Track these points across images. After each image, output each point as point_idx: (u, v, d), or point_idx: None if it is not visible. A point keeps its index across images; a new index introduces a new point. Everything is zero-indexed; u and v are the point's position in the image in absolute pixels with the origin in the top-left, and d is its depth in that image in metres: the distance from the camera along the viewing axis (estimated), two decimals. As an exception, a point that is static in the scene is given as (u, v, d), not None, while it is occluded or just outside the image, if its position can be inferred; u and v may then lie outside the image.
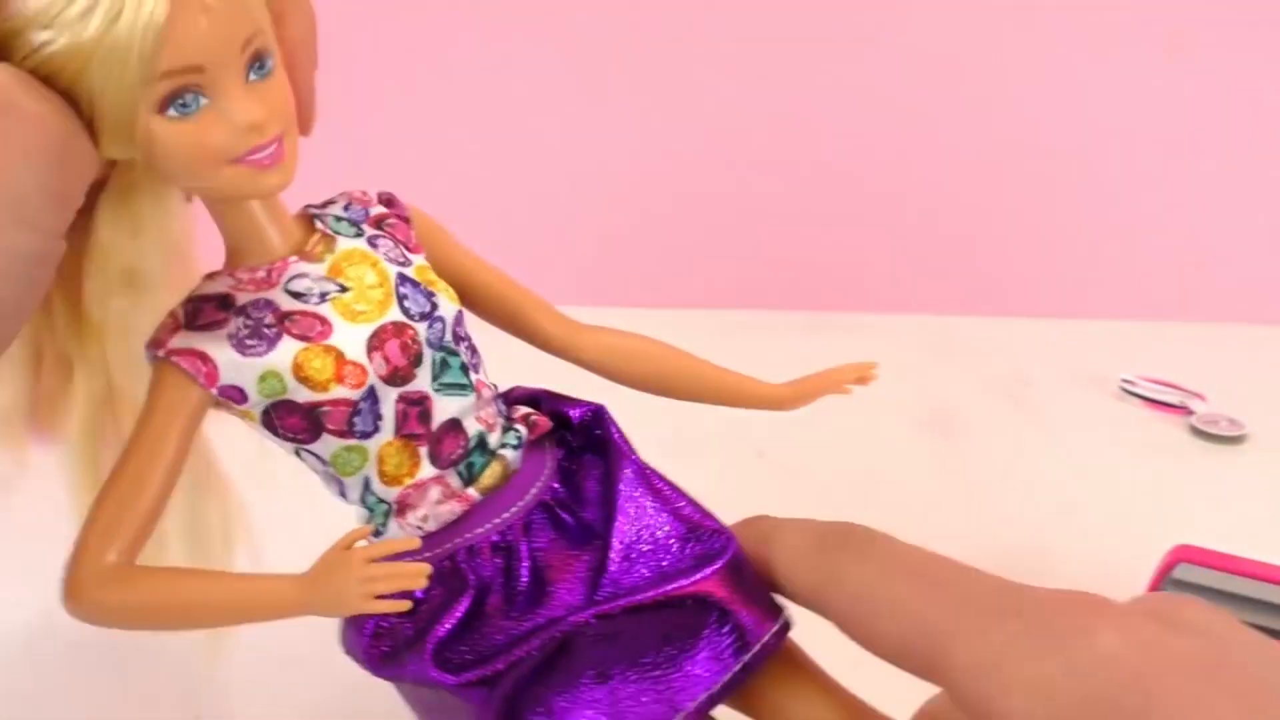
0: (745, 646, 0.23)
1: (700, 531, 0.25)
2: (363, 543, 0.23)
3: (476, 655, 0.23)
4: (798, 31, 0.77)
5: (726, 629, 0.23)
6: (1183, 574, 0.38)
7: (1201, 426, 0.62)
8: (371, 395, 0.23)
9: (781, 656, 0.24)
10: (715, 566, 0.24)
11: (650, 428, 0.33)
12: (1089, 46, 0.76)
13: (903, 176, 0.81)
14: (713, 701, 0.22)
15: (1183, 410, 0.65)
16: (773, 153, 0.81)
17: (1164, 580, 0.39)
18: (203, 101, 0.20)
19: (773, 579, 0.24)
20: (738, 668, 0.23)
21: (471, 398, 0.24)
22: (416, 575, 0.22)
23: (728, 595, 0.23)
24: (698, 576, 0.23)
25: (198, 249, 0.26)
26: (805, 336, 0.80)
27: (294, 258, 0.23)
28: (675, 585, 0.23)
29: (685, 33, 0.78)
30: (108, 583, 0.21)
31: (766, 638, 0.23)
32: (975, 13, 0.75)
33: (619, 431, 0.26)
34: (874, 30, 0.77)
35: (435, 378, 0.24)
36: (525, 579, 0.24)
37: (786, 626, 0.24)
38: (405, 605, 0.22)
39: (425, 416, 0.23)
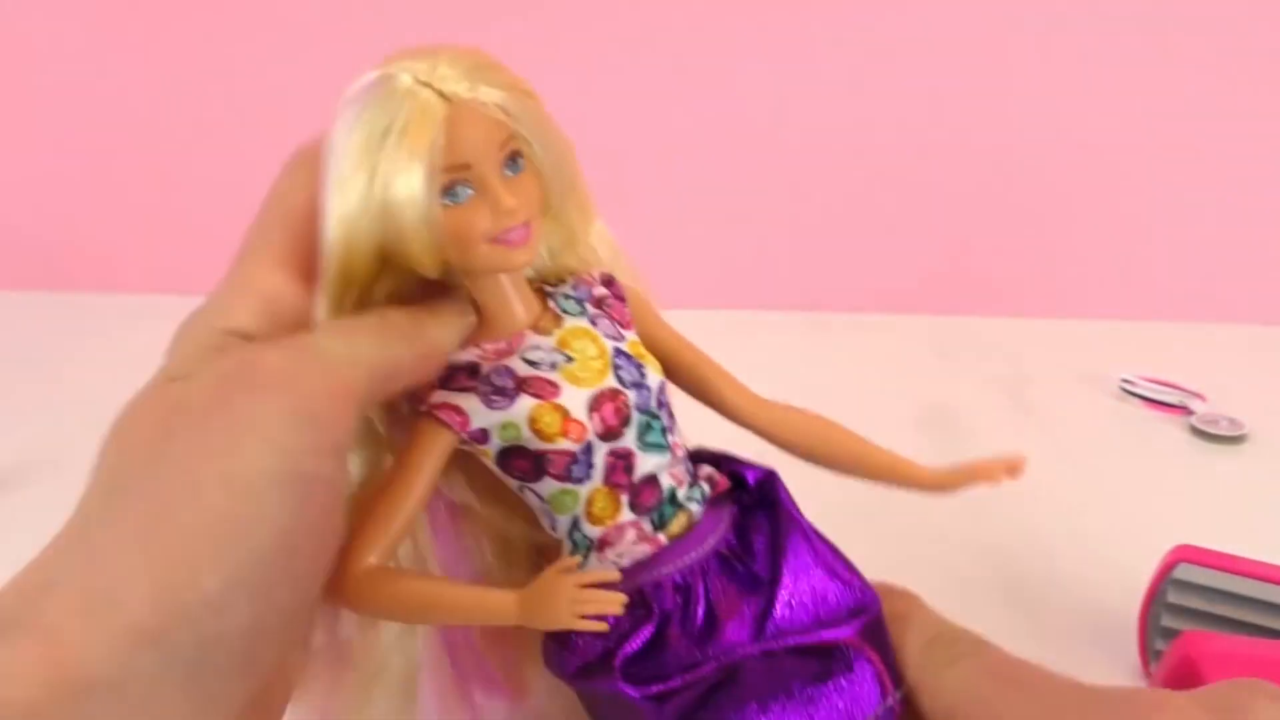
0: (884, 692, 0.26)
1: (853, 588, 0.28)
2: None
3: (656, 673, 0.27)
4: (798, 32, 0.77)
5: (869, 674, 0.26)
6: (1183, 574, 0.38)
7: (1201, 426, 0.62)
8: (588, 448, 0.27)
9: None
10: (864, 620, 0.27)
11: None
12: (1089, 47, 0.76)
13: (904, 177, 0.81)
14: None
15: (1182, 410, 0.65)
16: (773, 153, 0.81)
17: (1164, 580, 0.39)
18: (469, 192, 0.25)
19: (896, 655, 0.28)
20: (881, 708, 0.26)
21: (668, 456, 0.28)
22: (615, 602, 0.26)
23: (870, 647, 0.27)
24: (848, 628, 0.27)
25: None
26: (805, 336, 0.80)
27: (529, 332, 0.28)
28: (830, 632, 0.27)
29: (685, 32, 0.78)
30: (367, 578, 0.26)
31: (898, 694, 0.26)
32: (976, 14, 0.75)
33: (787, 495, 0.30)
34: (874, 31, 0.77)
35: (640, 437, 0.28)
36: (700, 615, 0.27)
37: (905, 698, 0.27)
38: (604, 626, 0.26)
39: (629, 469, 0.27)
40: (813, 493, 0.37)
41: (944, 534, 0.51)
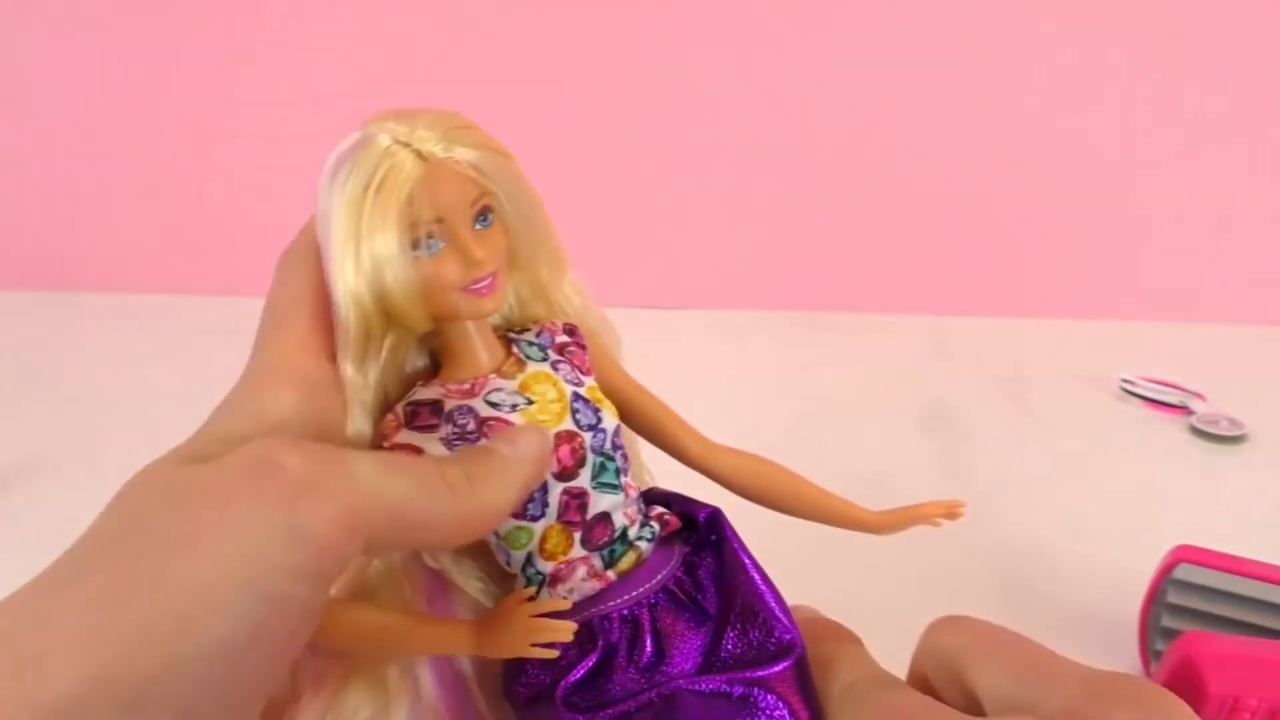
0: None
1: (784, 627, 0.29)
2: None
3: (597, 701, 0.28)
4: (799, 32, 0.77)
5: (785, 714, 0.27)
6: (1183, 574, 0.38)
7: (1201, 426, 0.62)
8: (544, 487, 0.28)
9: None
10: (791, 659, 0.28)
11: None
12: (1089, 47, 0.76)
13: (903, 177, 0.81)
14: None
15: (1183, 410, 0.65)
16: (773, 153, 0.81)
17: (1164, 580, 0.39)
18: (440, 245, 0.27)
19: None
20: None
21: (620, 496, 0.30)
22: (566, 630, 0.27)
23: (792, 686, 0.28)
24: (777, 666, 0.28)
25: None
26: (805, 336, 0.80)
27: (493, 375, 0.29)
28: (758, 671, 0.28)
29: (685, 32, 0.78)
30: (327, 614, 0.26)
31: None
32: (976, 14, 0.75)
33: (733, 532, 0.31)
34: (875, 31, 0.77)
35: (594, 477, 0.29)
36: (649, 647, 0.29)
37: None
38: (554, 654, 0.27)
39: (583, 508, 0.29)
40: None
41: (944, 534, 0.51)
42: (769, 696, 0.27)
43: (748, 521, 0.33)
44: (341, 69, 0.77)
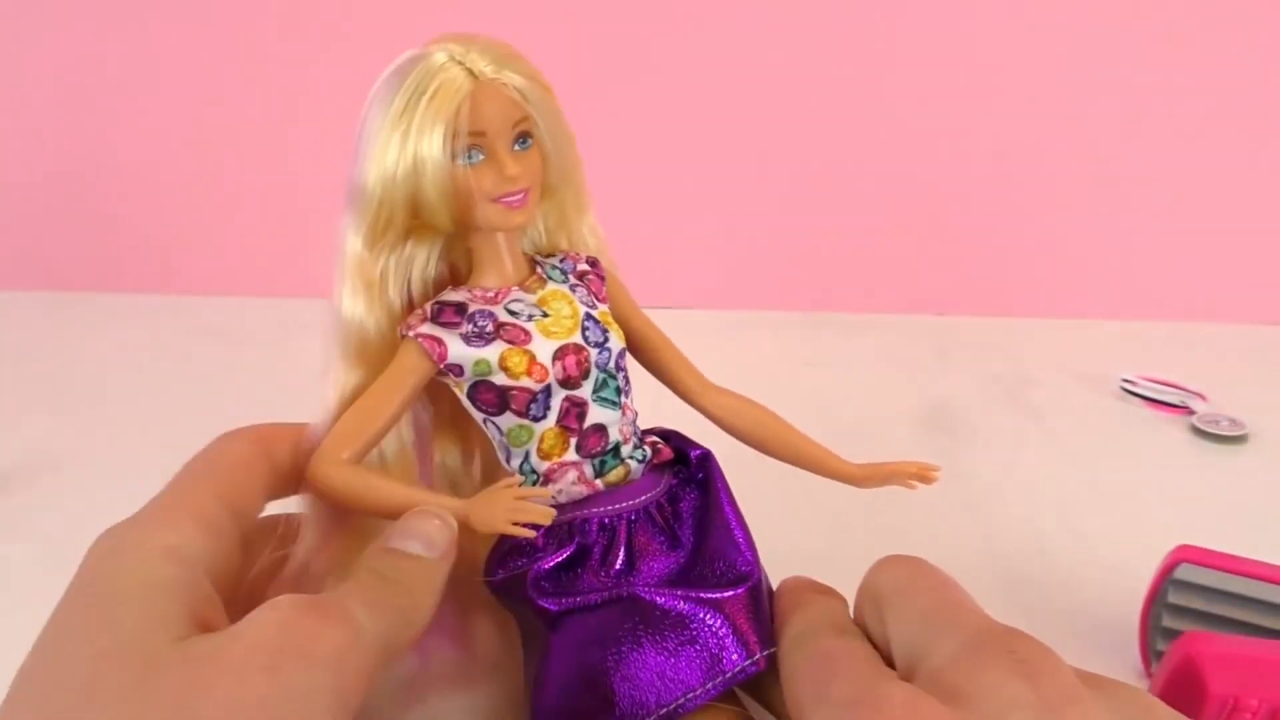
0: (747, 654, 0.29)
1: (745, 560, 0.31)
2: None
3: (563, 591, 0.30)
4: (799, 31, 0.77)
5: (731, 635, 0.29)
6: (1184, 574, 0.38)
7: (1202, 426, 0.62)
8: (547, 390, 0.31)
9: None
10: (746, 587, 0.30)
11: (659, 425, 0.36)
12: (1089, 47, 0.76)
13: (903, 177, 0.81)
14: (705, 690, 0.29)
15: (1183, 410, 0.65)
16: (773, 153, 0.81)
17: (1165, 580, 0.38)
18: (481, 157, 0.29)
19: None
20: (740, 666, 0.29)
21: (618, 413, 0.32)
22: (545, 515, 0.29)
23: (743, 611, 0.30)
24: (730, 591, 0.30)
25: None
26: (805, 336, 0.80)
27: (516, 288, 0.32)
28: (712, 593, 0.30)
29: (686, 31, 0.78)
30: (337, 469, 0.29)
31: (760, 655, 0.29)
32: (977, 14, 0.75)
33: (720, 474, 0.33)
34: (875, 31, 0.77)
35: (595, 390, 0.31)
36: (621, 558, 0.31)
37: (772, 657, 0.30)
38: (531, 534, 0.29)
39: (581, 417, 0.31)
40: (810, 492, 0.37)
41: (944, 533, 0.51)
42: (717, 618, 0.29)
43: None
44: (343, 70, 0.77)
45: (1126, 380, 0.68)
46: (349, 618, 0.24)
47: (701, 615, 0.29)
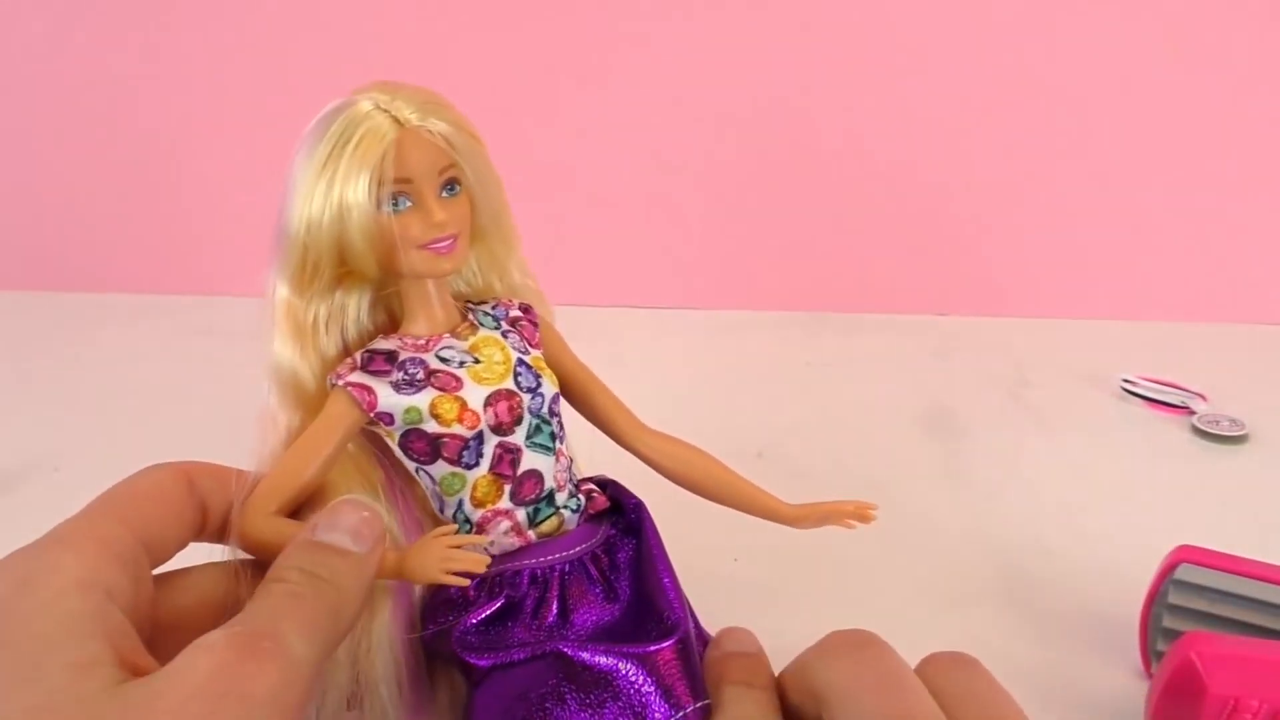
0: (675, 707, 0.29)
1: (674, 612, 0.31)
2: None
3: (490, 645, 0.30)
4: (800, 31, 0.77)
5: (655, 689, 0.29)
6: (1184, 574, 0.38)
7: (1202, 426, 0.62)
8: (479, 437, 0.31)
9: None
10: (675, 638, 0.30)
11: (657, 428, 0.36)
12: (1090, 47, 0.76)
13: (903, 177, 0.81)
14: None
15: (1184, 410, 0.65)
16: (773, 153, 0.81)
17: (1165, 580, 0.38)
18: (408, 203, 0.30)
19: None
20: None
21: (552, 459, 0.32)
22: (479, 563, 0.29)
23: (674, 663, 0.30)
24: (657, 644, 0.30)
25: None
26: (805, 336, 0.80)
27: (447, 335, 0.32)
28: (638, 647, 0.29)
29: (686, 31, 0.78)
30: (265, 522, 0.29)
31: (689, 710, 0.29)
32: (977, 14, 0.75)
33: (652, 526, 0.33)
34: (876, 31, 0.77)
35: (529, 436, 0.31)
36: (554, 610, 0.31)
37: (706, 709, 0.30)
38: (465, 582, 0.29)
39: (515, 463, 0.31)
40: (809, 493, 0.37)
41: (944, 533, 0.51)
42: (641, 673, 0.29)
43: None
44: (337, 69, 0.77)
45: (1127, 380, 0.68)
46: (284, 650, 0.24)
47: (625, 670, 0.29)
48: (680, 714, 0.29)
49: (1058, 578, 0.47)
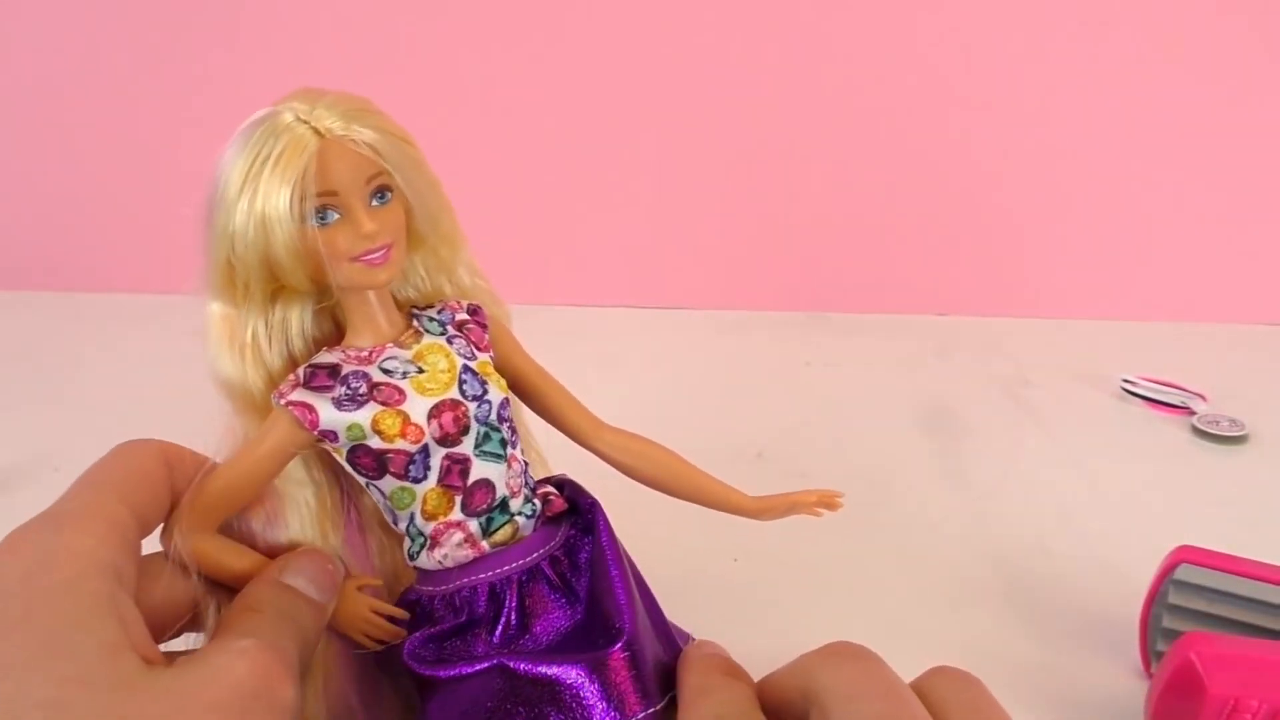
0: (626, 712, 0.29)
1: (623, 616, 0.31)
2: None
3: (441, 658, 0.30)
4: (800, 31, 0.77)
5: (600, 693, 0.29)
6: (1184, 575, 0.38)
7: (1202, 426, 0.62)
8: (425, 451, 0.30)
9: None
10: (620, 641, 0.30)
11: (657, 429, 0.36)
12: (1090, 48, 0.76)
13: (904, 177, 0.81)
14: None
15: (1184, 410, 0.65)
16: (774, 152, 0.81)
17: (1165, 581, 0.38)
18: (336, 216, 0.29)
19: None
20: None
21: (503, 466, 0.31)
22: (396, 635, 0.31)
23: (623, 668, 0.30)
24: (603, 652, 0.30)
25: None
26: (805, 336, 0.80)
27: (391, 345, 0.31)
28: (583, 655, 0.30)
29: (687, 31, 0.78)
30: (199, 539, 0.29)
31: (642, 714, 0.29)
32: (978, 14, 0.75)
33: (606, 526, 0.33)
34: (876, 31, 0.77)
35: (477, 445, 0.31)
36: (513, 622, 0.31)
37: (660, 711, 0.30)
38: (378, 647, 0.31)
39: (465, 474, 0.31)
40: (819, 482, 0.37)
41: (944, 533, 0.51)
42: (588, 679, 0.29)
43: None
44: (343, 70, 0.77)
45: (1127, 380, 0.68)
46: (294, 669, 0.25)
47: (570, 679, 0.29)
48: (639, 714, 0.29)
49: (1058, 578, 0.47)
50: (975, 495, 0.55)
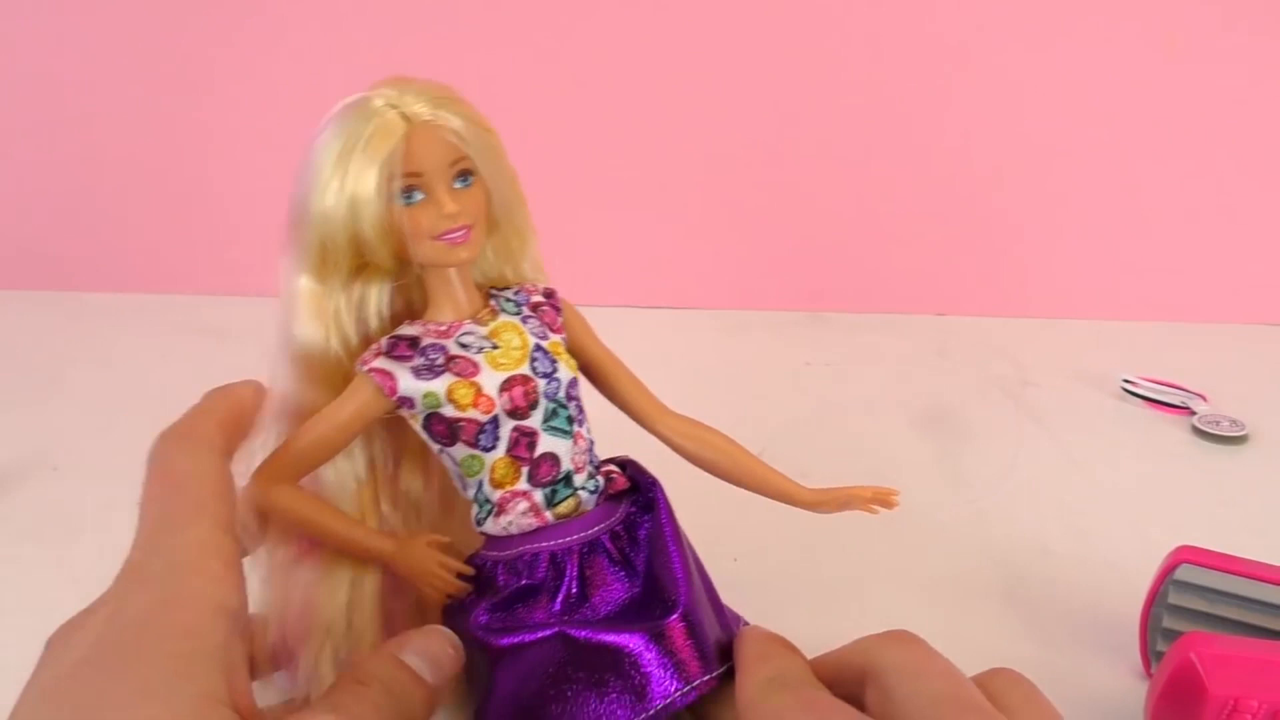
0: (683, 680, 0.30)
1: (679, 589, 0.32)
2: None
3: (505, 627, 0.31)
4: (801, 31, 0.77)
5: (659, 662, 0.30)
6: (1184, 575, 0.38)
7: (1203, 427, 0.62)
8: (495, 421, 0.32)
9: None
10: (677, 612, 0.31)
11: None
12: (1091, 48, 0.76)
13: (904, 176, 0.81)
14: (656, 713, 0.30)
15: (1184, 410, 0.65)
16: (774, 153, 0.81)
17: (1165, 581, 0.38)
18: (421, 196, 0.30)
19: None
20: (678, 693, 0.30)
21: (569, 442, 0.33)
22: (461, 589, 0.32)
23: (681, 635, 0.31)
24: (663, 621, 0.31)
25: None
26: (805, 336, 0.80)
27: (469, 321, 0.33)
28: (644, 624, 0.31)
29: (687, 32, 0.78)
30: (278, 492, 0.32)
31: (699, 681, 0.30)
32: (979, 14, 0.75)
33: (666, 504, 0.34)
34: (877, 31, 0.77)
35: (545, 420, 0.32)
36: (574, 591, 0.32)
37: (718, 678, 0.31)
38: (446, 601, 0.32)
39: (531, 446, 0.32)
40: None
41: (944, 533, 0.51)
42: (650, 648, 0.30)
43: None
44: (338, 69, 0.77)
45: (1127, 380, 0.68)
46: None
47: (631, 646, 0.30)
48: (690, 685, 0.30)
49: (1057, 577, 0.47)
50: (975, 495, 0.55)
